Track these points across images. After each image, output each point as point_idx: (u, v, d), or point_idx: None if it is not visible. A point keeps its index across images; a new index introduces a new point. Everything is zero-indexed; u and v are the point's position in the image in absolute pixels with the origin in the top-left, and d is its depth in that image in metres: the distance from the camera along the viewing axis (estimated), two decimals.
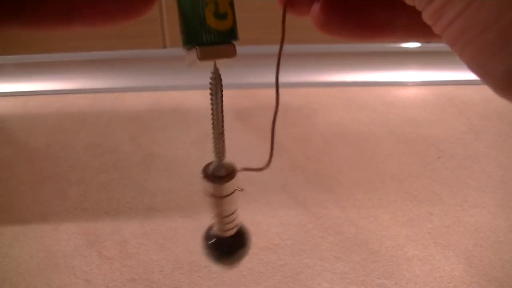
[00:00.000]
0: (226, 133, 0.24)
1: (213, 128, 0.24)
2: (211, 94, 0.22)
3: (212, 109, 0.23)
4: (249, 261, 0.44)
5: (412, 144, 0.61)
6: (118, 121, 0.67)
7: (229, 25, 0.20)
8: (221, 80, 0.22)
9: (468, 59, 0.15)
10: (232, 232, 0.26)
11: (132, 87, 0.76)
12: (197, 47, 0.19)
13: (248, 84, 0.73)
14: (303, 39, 0.77)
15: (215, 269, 0.44)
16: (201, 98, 0.70)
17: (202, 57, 0.20)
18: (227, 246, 0.26)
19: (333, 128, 0.65)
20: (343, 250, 0.45)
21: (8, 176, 0.57)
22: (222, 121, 0.23)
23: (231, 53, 0.21)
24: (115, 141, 0.63)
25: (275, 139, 0.23)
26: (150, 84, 0.76)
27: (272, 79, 0.23)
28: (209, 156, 0.25)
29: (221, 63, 0.21)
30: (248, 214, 0.50)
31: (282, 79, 0.23)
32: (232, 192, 0.25)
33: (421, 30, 0.19)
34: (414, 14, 0.18)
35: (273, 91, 0.23)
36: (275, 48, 0.23)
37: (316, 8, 0.21)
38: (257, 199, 0.52)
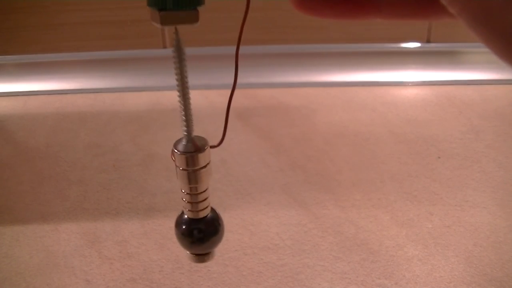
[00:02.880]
0: (227, 132, 0.23)
1: (180, 101, 0.22)
2: (174, 62, 0.21)
3: (176, 79, 0.22)
4: (249, 261, 0.44)
5: (412, 144, 0.61)
6: (118, 121, 0.67)
7: None
8: (183, 47, 0.21)
9: (472, 16, 0.13)
10: (205, 213, 0.25)
11: (132, 87, 0.76)
12: (159, 12, 0.18)
13: (248, 84, 0.73)
14: (303, 39, 0.77)
15: (215, 269, 0.44)
16: (201, 98, 0.70)
17: (164, 23, 0.19)
18: (200, 232, 0.25)
19: (333, 128, 0.65)
20: (343, 250, 0.45)
21: (8, 176, 0.57)
22: (188, 92, 0.22)
23: (194, 19, 0.20)
24: (115, 141, 0.63)
25: (278, 139, 0.23)
26: (150, 84, 0.76)
27: (272, 79, 0.23)
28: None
29: (184, 28, 0.20)
30: (248, 214, 0.50)
31: (282, 79, 0.22)
32: (204, 166, 0.24)
33: (410, 9, 0.18)
34: None
35: (273, 91, 0.23)
36: (275, 48, 0.23)
37: None
38: (257, 199, 0.52)
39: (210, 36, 0.73)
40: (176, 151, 0.23)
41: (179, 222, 0.26)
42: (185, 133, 0.24)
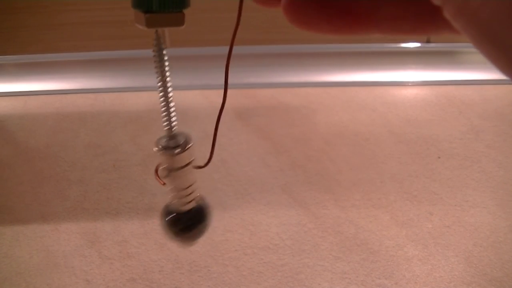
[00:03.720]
0: (227, 132, 0.23)
1: (160, 99, 0.22)
2: (155, 62, 0.21)
3: (158, 79, 0.22)
4: (249, 261, 0.44)
5: (412, 144, 0.61)
6: (118, 121, 0.67)
7: None
8: (164, 48, 0.21)
9: (477, 31, 0.12)
10: (190, 206, 0.25)
11: (132, 87, 0.76)
12: (144, 14, 0.18)
13: (248, 84, 0.73)
14: (303, 39, 0.77)
15: (215, 269, 0.44)
16: (201, 98, 0.70)
17: (149, 25, 0.19)
18: (186, 221, 0.25)
19: (333, 128, 0.65)
20: (343, 250, 0.45)
21: (8, 176, 0.57)
22: (168, 92, 0.22)
23: (180, 22, 0.19)
24: (115, 141, 0.63)
25: (278, 139, 0.23)
26: (150, 84, 0.76)
27: (272, 79, 0.23)
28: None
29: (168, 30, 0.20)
30: (248, 214, 0.50)
31: (282, 79, 0.22)
32: (188, 164, 0.23)
33: (409, 23, 0.17)
34: (403, 1, 0.17)
35: (273, 91, 0.23)
36: (275, 48, 0.23)
37: None
38: (257, 199, 0.52)
39: (210, 36, 0.73)
40: (158, 149, 0.23)
41: (165, 212, 0.26)
42: (166, 131, 0.23)
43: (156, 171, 0.24)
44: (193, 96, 0.73)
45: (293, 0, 0.18)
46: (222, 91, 0.22)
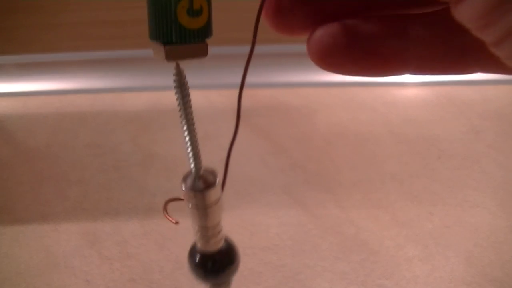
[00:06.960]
0: (227, 132, 0.23)
1: (185, 135, 0.21)
2: (176, 97, 0.20)
3: (180, 115, 0.20)
4: (249, 261, 0.44)
5: (413, 144, 0.61)
6: (118, 121, 0.67)
7: (203, 22, 0.17)
8: (186, 82, 0.20)
9: None
10: (217, 246, 0.24)
11: (132, 87, 0.76)
12: (164, 46, 0.17)
13: (248, 84, 0.73)
14: (304, 39, 0.77)
15: None
16: (201, 98, 0.70)
17: (169, 58, 0.17)
18: (214, 263, 0.24)
19: (333, 128, 0.65)
20: (343, 250, 0.45)
21: (8, 176, 0.57)
22: (194, 127, 0.21)
23: (203, 53, 0.18)
24: (115, 141, 0.63)
25: (278, 139, 0.23)
26: (150, 84, 0.76)
27: (272, 79, 0.23)
28: (209, 156, 0.25)
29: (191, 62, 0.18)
30: (248, 215, 0.50)
31: (282, 79, 0.22)
32: (216, 202, 0.22)
33: (440, 62, 0.16)
34: (432, 41, 0.16)
35: (273, 91, 0.23)
36: (275, 48, 0.22)
37: (316, 36, 0.18)
38: (257, 199, 0.52)
39: None
40: (184, 188, 0.21)
41: (192, 253, 0.25)
42: (193, 169, 0.21)
43: (165, 208, 0.23)
44: (193, 96, 0.72)
45: (320, 41, 0.18)
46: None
